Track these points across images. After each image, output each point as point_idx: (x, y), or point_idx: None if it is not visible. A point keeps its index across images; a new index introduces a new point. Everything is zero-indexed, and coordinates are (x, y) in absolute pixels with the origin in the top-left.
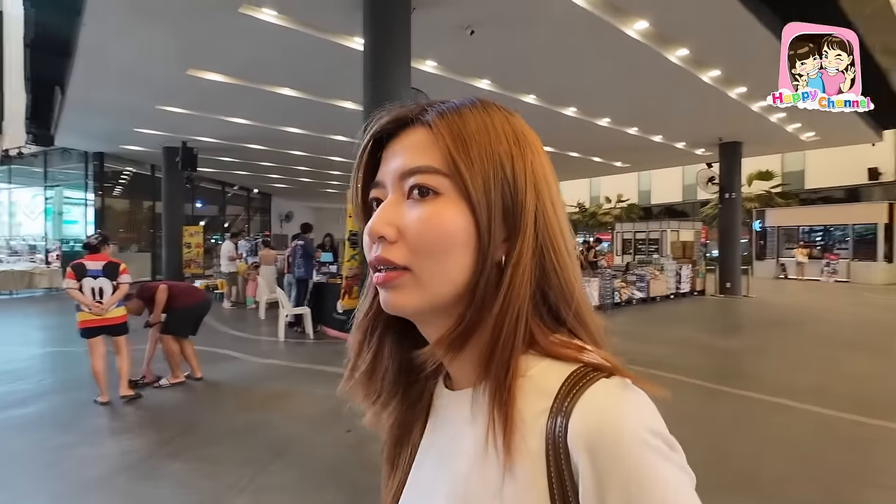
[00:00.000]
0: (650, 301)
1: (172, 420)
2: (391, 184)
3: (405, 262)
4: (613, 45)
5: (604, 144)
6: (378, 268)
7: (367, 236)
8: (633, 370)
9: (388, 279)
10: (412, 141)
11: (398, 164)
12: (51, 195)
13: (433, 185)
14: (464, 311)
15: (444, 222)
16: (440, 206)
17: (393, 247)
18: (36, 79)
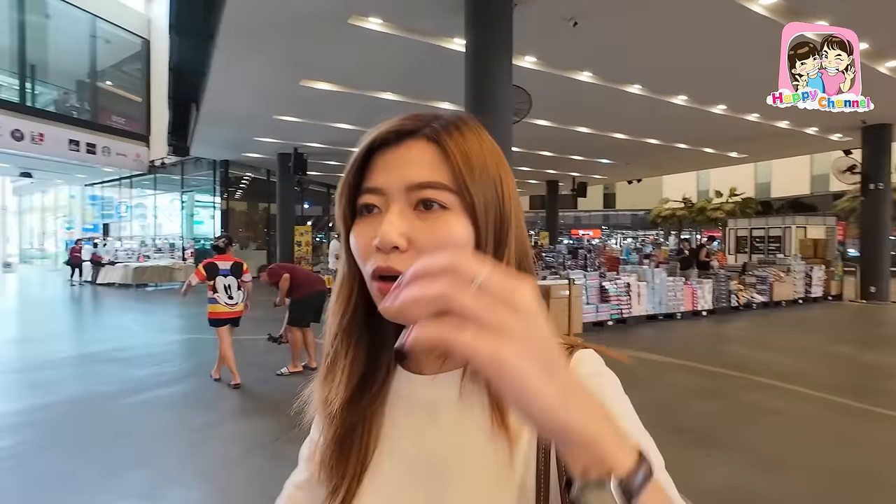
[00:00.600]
0: (773, 306)
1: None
2: (395, 194)
3: None
4: (735, 24)
5: (717, 134)
6: (385, 276)
7: (370, 243)
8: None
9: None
10: (419, 155)
11: (406, 175)
12: (185, 199)
13: (442, 201)
14: None
15: (453, 235)
16: (449, 219)
17: (403, 256)
18: (176, 98)
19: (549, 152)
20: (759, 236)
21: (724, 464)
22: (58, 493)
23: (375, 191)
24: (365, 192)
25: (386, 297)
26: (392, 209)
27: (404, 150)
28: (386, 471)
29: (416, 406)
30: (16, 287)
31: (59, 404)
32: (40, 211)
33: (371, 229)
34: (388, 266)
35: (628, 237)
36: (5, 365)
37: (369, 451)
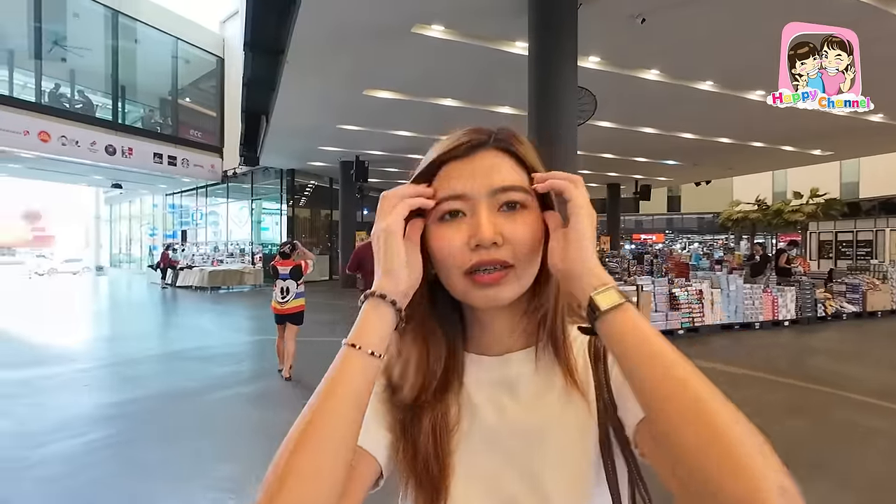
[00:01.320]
0: (867, 316)
1: None
2: (481, 198)
3: (513, 261)
4: (822, 9)
5: (798, 130)
6: (488, 268)
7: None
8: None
9: (499, 277)
10: (497, 163)
11: (489, 181)
12: (254, 207)
13: (522, 201)
14: (532, 296)
15: (535, 229)
16: (528, 216)
17: (501, 250)
18: (248, 111)
19: (611, 154)
20: (845, 240)
21: (814, 489)
22: (151, 480)
23: (460, 197)
24: (448, 199)
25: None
26: (482, 212)
27: (480, 159)
28: (475, 445)
29: (491, 384)
30: (107, 289)
31: (149, 398)
32: (128, 219)
33: (460, 232)
34: (492, 258)
35: (694, 242)
36: (101, 360)
37: (452, 430)
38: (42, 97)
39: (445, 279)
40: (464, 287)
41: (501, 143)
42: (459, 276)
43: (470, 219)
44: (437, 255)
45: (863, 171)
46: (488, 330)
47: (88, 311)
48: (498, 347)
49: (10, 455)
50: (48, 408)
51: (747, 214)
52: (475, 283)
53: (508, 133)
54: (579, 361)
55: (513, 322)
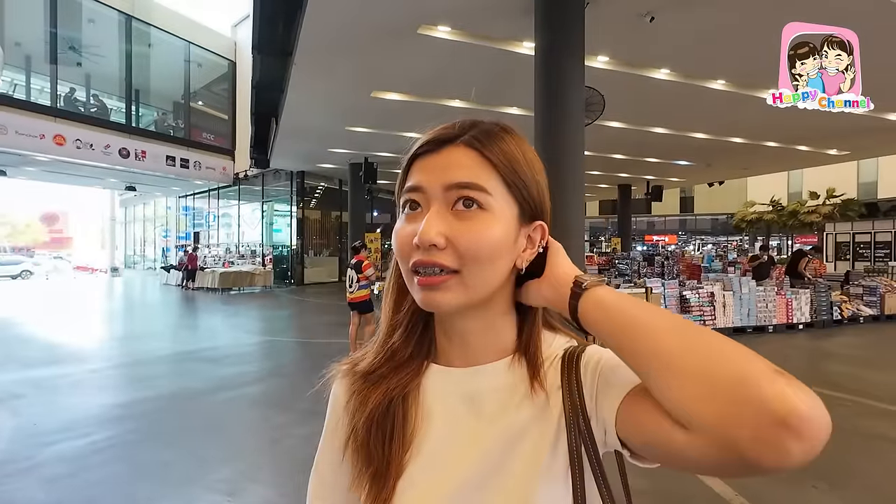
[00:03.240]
0: (885, 320)
1: None
2: (435, 193)
3: (456, 266)
4: (832, 6)
5: (814, 129)
6: (424, 270)
7: (411, 241)
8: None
9: (437, 281)
10: (457, 159)
11: (444, 176)
12: (265, 209)
13: (479, 200)
14: (506, 306)
15: (491, 235)
16: (486, 219)
17: (443, 253)
18: (258, 114)
19: (622, 155)
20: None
21: (835, 499)
22: (154, 481)
23: (416, 189)
24: (407, 190)
25: (424, 291)
26: (431, 209)
27: (444, 154)
28: (432, 452)
29: (454, 396)
30: (121, 290)
31: (155, 399)
32: (142, 221)
33: (411, 226)
34: (429, 259)
35: (707, 243)
36: (111, 360)
37: (407, 433)
38: (57, 101)
39: (402, 272)
40: (411, 283)
41: (469, 140)
42: (407, 271)
43: (422, 214)
44: (394, 247)
45: (881, 171)
46: (452, 339)
47: (101, 311)
48: (464, 359)
49: (17, 455)
50: (57, 408)
51: (762, 215)
52: (418, 284)
53: (485, 129)
54: (549, 374)
55: (481, 332)
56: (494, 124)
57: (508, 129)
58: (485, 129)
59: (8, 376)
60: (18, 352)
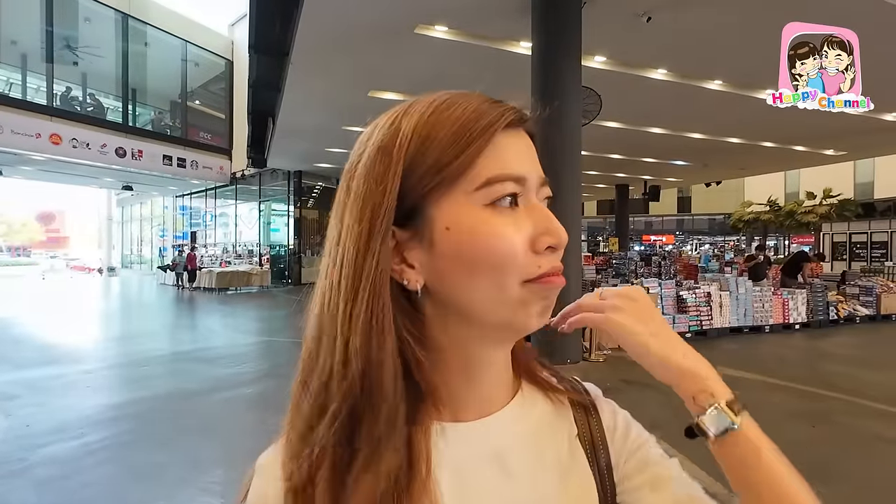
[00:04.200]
0: (881, 319)
1: None
2: (535, 184)
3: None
4: (831, 7)
5: (811, 130)
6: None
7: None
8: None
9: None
10: (531, 148)
11: (538, 168)
12: (263, 208)
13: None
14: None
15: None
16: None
17: (559, 253)
18: (255, 113)
19: (619, 155)
20: (859, 241)
21: (831, 499)
22: (147, 484)
23: (520, 180)
24: (507, 178)
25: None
26: (539, 203)
27: (524, 137)
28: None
29: (479, 460)
30: (118, 289)
31: (149, 399)
32: (139, 221)
33: (521, 228)
34: (556, 266)
35: (705, 243)
36: (106, 361)
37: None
38: (54, 100)
39: (482, 293)
40: (518, 302)
41: (532, 126)
42: (516, 286)
43: (524, 210)
44: (486, 254)
45: (878, 172)
46: (478, 381)
47: (97, 311)
48: (478, 405)
49: (9, 456)
50: (50, 409)
51: (759, 215)
52: (542, 289)
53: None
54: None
55: (506, 363)
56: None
57: None
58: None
59: (1, 377)
60: (12, 352)
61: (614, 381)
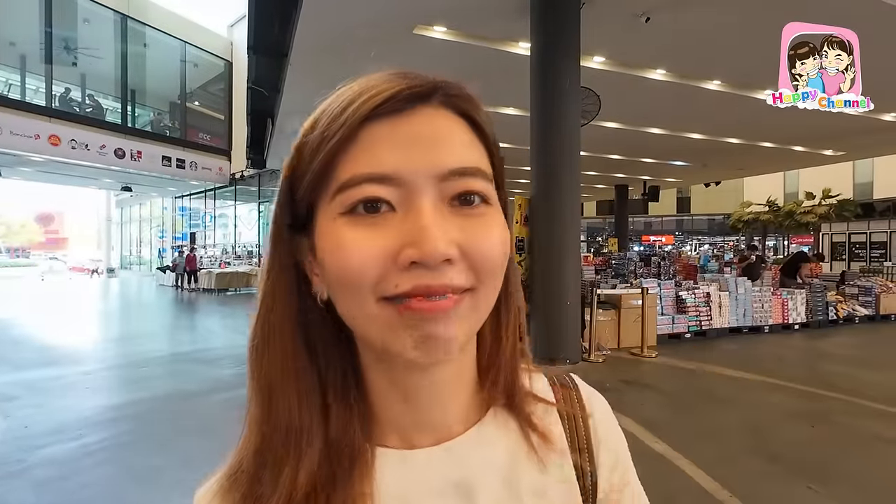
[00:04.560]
0: (881, 320)
1: None
2: (422, 184)
3: (471, 283)
4: (830, 7)
5: (810, 130)
6: (435, 296)
7: (389, 255)
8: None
9: (448, 306)
10: (446, 128)
11: (437, 158)
12: (262, 209)
13: (487, 194)
14: (490, 337)
15: (505, 240)
16: (495, 219)
17: (456, 269)
18: (254, 113)
19: (618, 155)
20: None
21: (830, 500)
22: (147, 485)
23: (386, 179)
24: (362, 180)
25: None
26: (425, 206)
27: (422, 120)
28: None
29: (429, 494)
30: (117, 290)
31: (148, 400)
32: (138, 222)
33: (383, 238)
34: (442, 283)
35: (704, 243)
36: (105, 362)
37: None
38: (53, 101)
39: (347, 311)
40: (384, 325)
41: (453, 100)
42: (372, 305)
43: (403, 216)
44: (332, 269)
45: (877, 172)
46: (419, 404)
47: (96, 312)
48: (432, 429)
49: (7, 457)
50: (48, 410)
51: (758, 216)
52: (407, 316)
53: (460, 86)
54: (554, 431)
55: (454, 382)
56: (457, 82)
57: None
58: (461, 87)
59: (0, 378)
60: (11, 353)
61: (613, 382)
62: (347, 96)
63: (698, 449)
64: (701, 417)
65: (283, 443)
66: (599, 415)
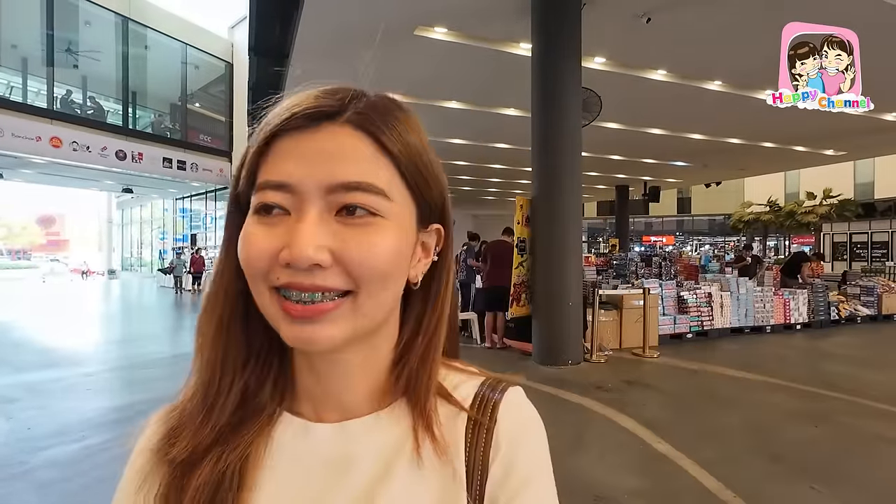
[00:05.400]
0: (882, 320)
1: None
2: (312, 194)
3: (348, 286)
4: (829, 7)
5: (810, 130)
6: (300, 297)
7: (274, 254)
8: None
9: (324, 310)
10: (344, 145)
11: (329, 171)
12: None
13: (374, 207)
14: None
15: (389, 245)
16: (380, 229)
17: (328, 273)
18: (254, 115)
19: (619, 156)
20: (860, 242)
21: (832, 499)
22: None
23: (282, 187)
24: (265, 186)
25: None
26: (309, 215)
27: (325, 136)
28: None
29: (315, 461)
30: (118, 292)
31: (152, 402)
32: (139, 223)
33: (273, 237)
34: (311, 283)
35: (705, 244)
36: (106, 364)
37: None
38: (54, 103)
39: (253, 293)
40: (272, 311)
41: (359, 119)
42: (265, 291)
43: (293, 220)
44: (240, 255)
45: (878, 172)
46: (326, 381)
47: (97, 314)
48: (340, 408)
49: (10, 459)
50: (51, 412)
51: (759, 216)
52: (284, 310)
53: (377, 104)
54: (452, 427)
55: (360, 371)
56: (385, 98)
57: (402, 105)
58: (377, 104)
59: (1, 380)
60: (12, 355)
61: (615, 382)
62: (275, 111)
63: (701, 449)
64: (703, 417)
65: (204, 393)
66: (508, 425)
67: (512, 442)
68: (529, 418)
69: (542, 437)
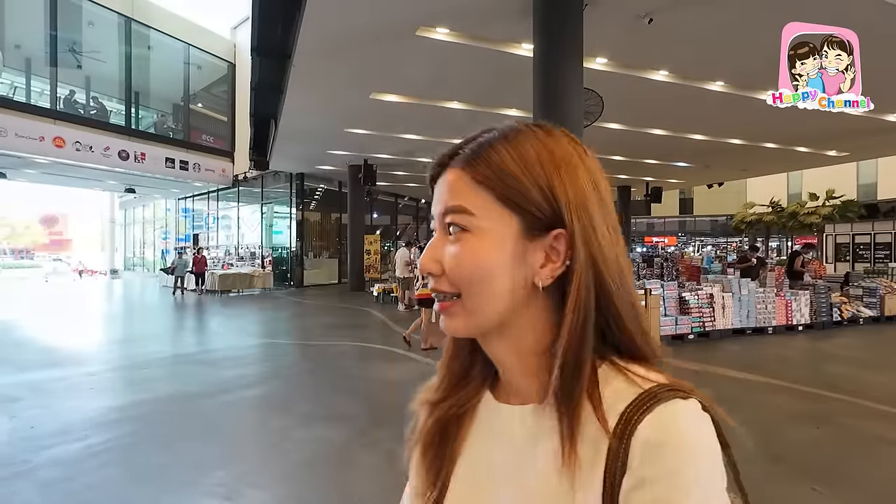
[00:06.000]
0: (885, 321)
1: (370, 411)
2: (437, 220)
3: (453, 291)
4: (837, 6)
5: (813, 131)
6: (437, 296)
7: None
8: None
9: (444, 307)
10: (450, 183)
11: (438, 203)
12: (265, 211)
13: (462, 223)
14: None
15: (478, 255)
16: (468, 241)
17: (441, 279)
18: (257, 116)
19: (621, 157)
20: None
21: (835, 501)
22: (152, 485)
23: (432, 217)
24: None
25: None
26: (436, 234)
27: (444, 177)
28: (461, 481)
29: (495, 435)
30: (120, 292)
31: (152, 401)
32: (141, 223)
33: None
34: (434, 286)
35: (707, 245)
36: (109, 363)
37: (455, 456)
38: (57, 103)
39: None
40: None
41: (460, 161)
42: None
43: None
44: None
45: (881, 172)
46: (503, 372)
47: (100, 314)
48: (516, 396)
49: (13, 458)
50: (53, 411)
51: (761, 217)
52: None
53: (478, 143)
54: (588, 446)
55: (519, 364)
56: (493, 132)
57: (509, 133)
58: (478, 143)
59: (4, 379)
60: (15, 355)
61: None
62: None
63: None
64: None
65: (445, 376)
66: (646, 437)
67: (644, 461)
68: (675, 436)
69: (687, 460)
